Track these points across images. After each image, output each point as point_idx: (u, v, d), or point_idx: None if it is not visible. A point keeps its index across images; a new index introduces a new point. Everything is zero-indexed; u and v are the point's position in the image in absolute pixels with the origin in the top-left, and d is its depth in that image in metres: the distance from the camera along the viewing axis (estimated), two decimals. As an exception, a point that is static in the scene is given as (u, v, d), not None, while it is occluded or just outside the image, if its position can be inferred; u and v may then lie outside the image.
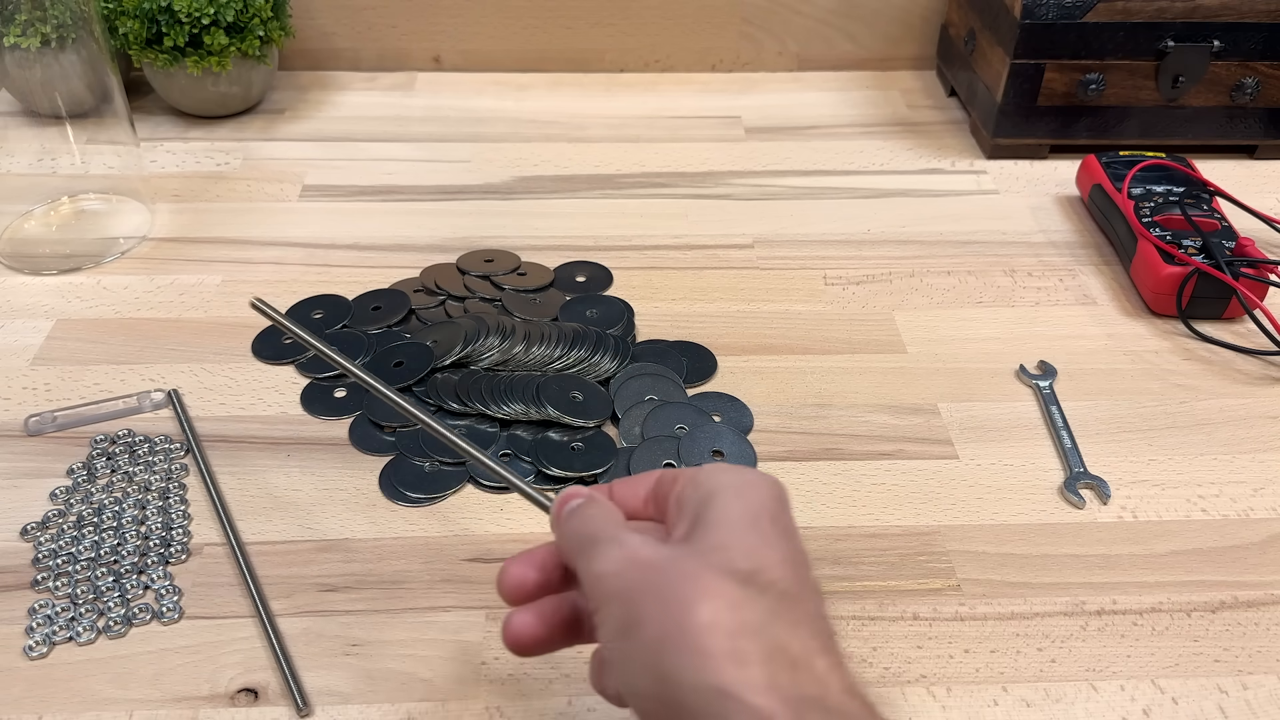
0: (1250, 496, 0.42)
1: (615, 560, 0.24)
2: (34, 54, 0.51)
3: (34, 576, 0.38)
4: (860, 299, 0.53)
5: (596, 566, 0.24)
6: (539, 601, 0.27)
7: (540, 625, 0.27)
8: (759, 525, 0.24)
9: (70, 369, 0.47)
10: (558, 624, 0.27)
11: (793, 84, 0.74)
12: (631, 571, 0.24)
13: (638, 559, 0.24)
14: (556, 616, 0.27)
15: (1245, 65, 0.61)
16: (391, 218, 0.59)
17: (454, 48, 0.73)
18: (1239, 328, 0.51)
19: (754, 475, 0.26)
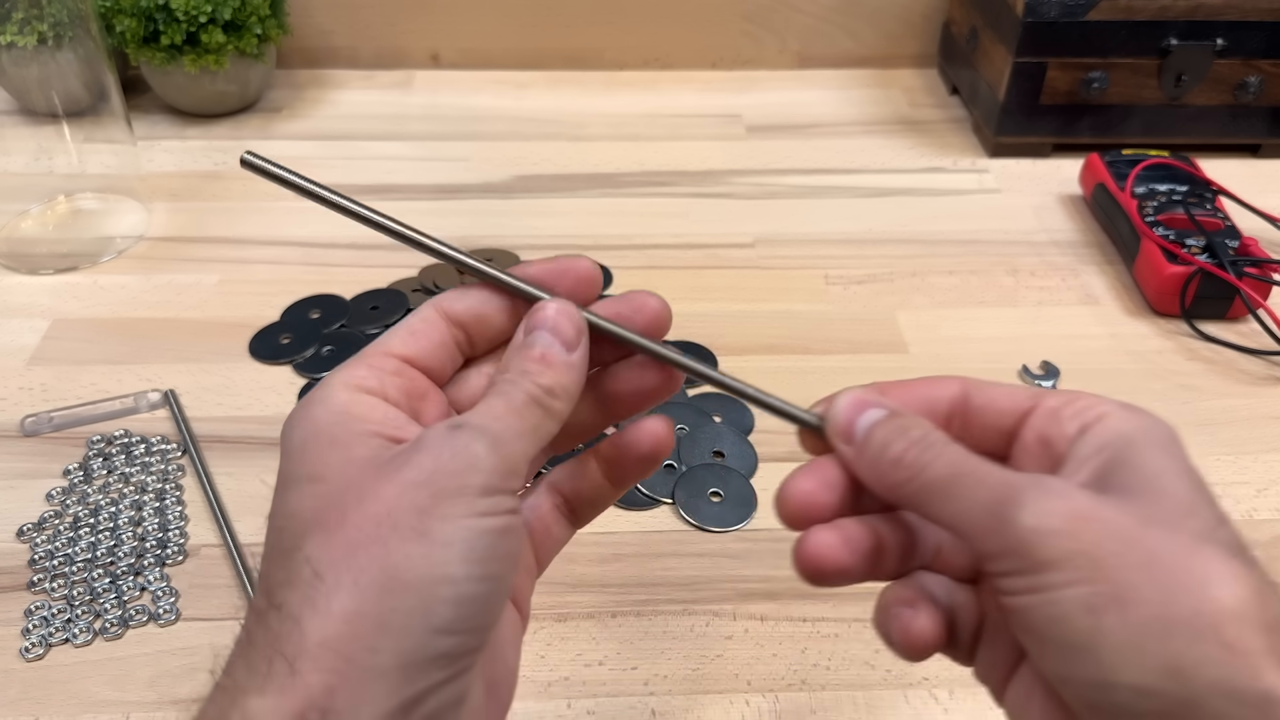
0: (1254, 497, 0.42)
1: (1059, 515, 0.19)
2: (30, 52, 0.51)
3: (30, 578, 0.37)
4: (862, 299, 0.53)
5: (1028, 519, 0.19)
6: (837, 522, 0.22)
7: (846, 550, 0.22)
8: (1202, 485, 0.20)
9: (67, 369, 0.47)
10: (863, 553, 0.22)
11: (794, 82, 0.73)
12: (1091, 532, 0.19)
13: (1095, 517, 0.19)
14: (862, 543, 0.22)
15: (1248, 64, 0.61)
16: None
17: (452, 45, 0.73)
18: (1242, 327, 0.51)
19: (1149, 414, 0.21)
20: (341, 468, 0.20)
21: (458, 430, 0.20)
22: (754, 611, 0.37)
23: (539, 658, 0.35)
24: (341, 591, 0.19)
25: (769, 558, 0.39)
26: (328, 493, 0.20)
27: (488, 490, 0.20)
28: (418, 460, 0.20)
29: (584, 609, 0.37)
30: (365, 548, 0.19)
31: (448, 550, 0.19)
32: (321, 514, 0.20)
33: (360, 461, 0.20)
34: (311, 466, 0.21)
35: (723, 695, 0.34)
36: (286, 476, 0.21)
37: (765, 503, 0.41)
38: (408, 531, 0.19)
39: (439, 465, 0.20)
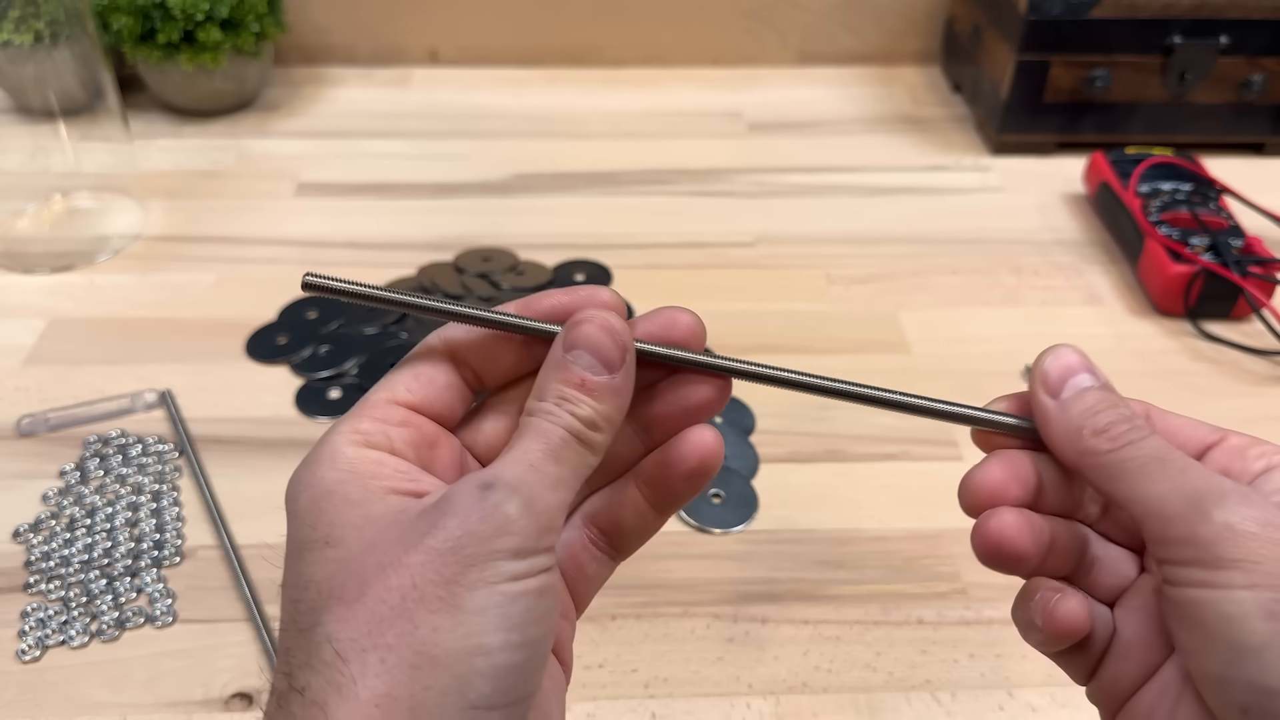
0: (1259, 498, 0.42)
1: (1257, 521, 0.19)
2: (27, 50, 0.51)
3: (26, 579, 0.37)
4: (864, 298, 0.52)
5: (1228, 515, 0.19)
6: (1021, 510, 0.22)
7: (1030, 536, 0.21)
8: None
9: (63, 369, 0.46)
10: (1043, 544, 0.22)
11: (795, 79, 0.73)
12: None
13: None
14: (1044, 535, 0.22)
15: (1253, 61, 0.60)
16: (387, 215, 0.58)
17: (451, 42, 0.73)
18: (1247, 327, 0.51)
19: None
20: (359, 530, 0.19)
21: (489, 490, 0.19)
22: (755, 614, 0.37)
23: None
24: (369, 674, 0.17)
25: (770, 559, 0.39)
26: (345, 559, 0.19)
27: (521, 553, 0.18)
28: (444, 524, 0.18)
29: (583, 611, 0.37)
30: (390, 623, 0.18)
31: (480, 619, 0.18)
32: (340, 585, 0.19)
33: (379, 523, 0.19)
34: (325, 529, 0.19)
35: (723, 698, 0.34)
36: (298, 542, 0.20)
37: (766, 504, 0.41)
38: (435, 602, 0.18)
39: (468, 530, 0.18)
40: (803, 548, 0.39)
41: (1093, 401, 0.22)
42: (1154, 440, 0.21)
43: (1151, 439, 0.21)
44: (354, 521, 0.19)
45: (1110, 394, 0.22)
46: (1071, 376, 0.22)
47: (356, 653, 0.18)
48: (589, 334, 0.21)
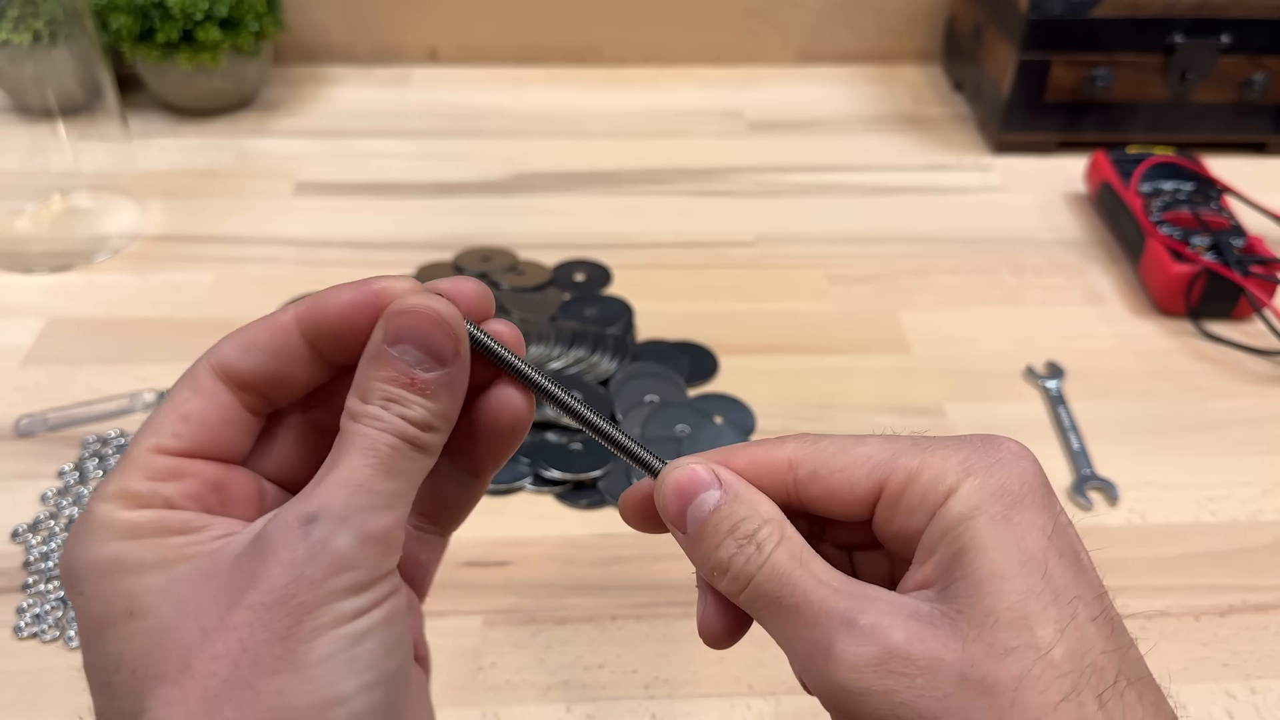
0: (1260, 498, 0.42)
1: (871, 664, 0.17)
2: (25, 50, 0.51)
3: (25, 580, 0.37)
4: (865, 298, 0.52)
5: (842, 672, 0.17)
6: None
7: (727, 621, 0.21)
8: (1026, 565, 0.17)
9: (61, 369, 0.46)
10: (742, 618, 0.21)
11: (796, 78, 0.73)
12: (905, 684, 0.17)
13: (910, 663, 0.17)
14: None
15: (1254, 61, 0.60)
16: (386, 215, 0.58)
17: (450, 41, 0.73)
18: (1248, 327, 0.50)
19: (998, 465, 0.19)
20: (165, 593, 0.17)
21: (312, 524, 0.17)
22: (755, 615, 0.37)
23: (538, 661, 0.35)
24: None
25: (770, 560, 0.38)
26: (157, 629, 0.16)
27: (360, 587, 0.17)
28: (265, 574, 0.16)
29: (583, 612, 0.37)
30: (228, 696, 0.16)
31: (327, 669, 0.16)
32: (158, 660, 0.16)
33: (187, 580, 0.17)
34: (124, 601, 0.17)
35: (724, 699, 0.34)
36: (94, 619, 0.17)
37: (767, 504, 0.41)
38: (273, 663, 0.16)
39: (295, 575, 0.16)
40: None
41: (712, 532, 0.19)
42: (774, 562, 0.19)
43: (771, 562, 0.19)
44: (157, 584, 0.17)
45: (732, 506, 0.19)
46: (690, 503, 0.20)
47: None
48: (413, 325, 0.18)
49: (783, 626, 0.19)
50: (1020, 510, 0.18)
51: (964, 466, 0.19)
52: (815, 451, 0.20)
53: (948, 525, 0.18)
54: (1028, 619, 0.17)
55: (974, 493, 0.18)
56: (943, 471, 0.19)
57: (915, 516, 0.19)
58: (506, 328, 0.21)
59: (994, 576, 0.17)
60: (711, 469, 0.20)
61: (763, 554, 0.19)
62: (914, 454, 0.19)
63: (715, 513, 0.19)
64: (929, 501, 0.19)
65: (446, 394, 0.18)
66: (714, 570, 0.19)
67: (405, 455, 0.18)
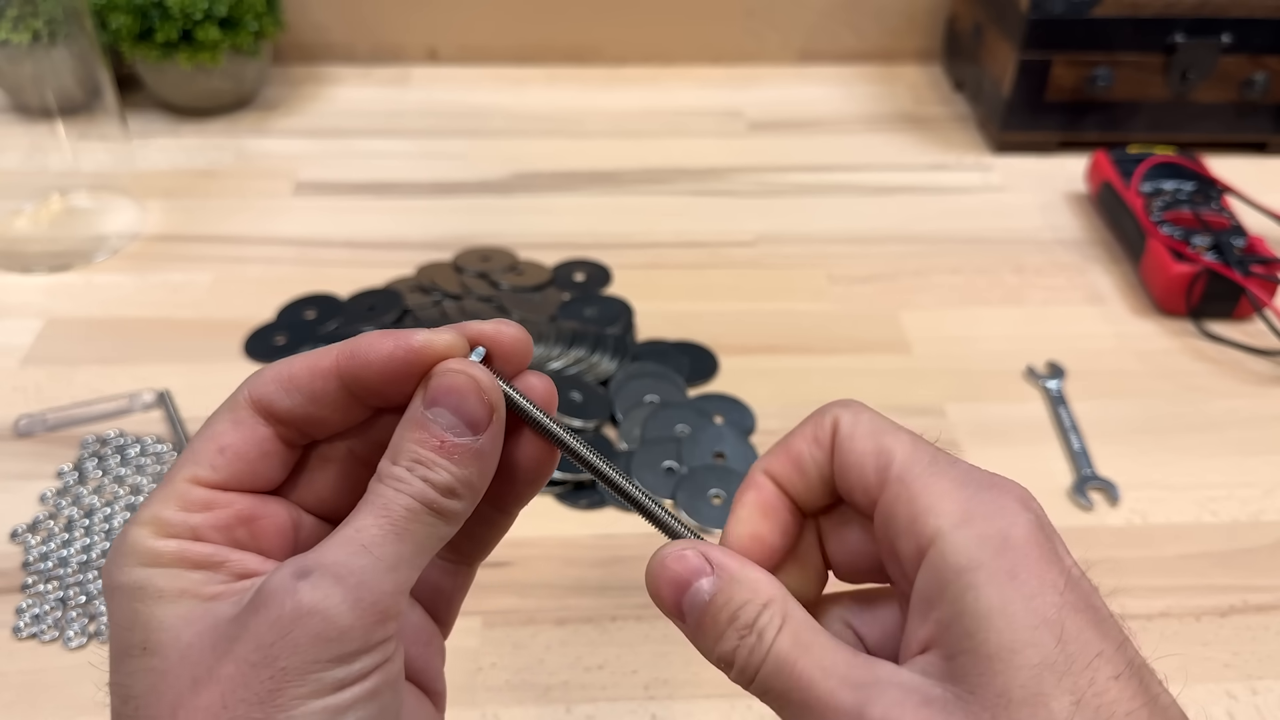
0: (1261, 499, 0.42)
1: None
2: (24, 49, 0.51)
3: (24, 580, 0.37)
4: (865, 298, 0.52)
5: None
6: None
7: None
8: (1039, 629, 0.17)
9: (60, 369, 0.46)
10: None
11: (796, 78, 0.73)
12: None
13: None
14: None
15: (1255, 60, 0.60)
16: (386, 214, 0.58)
17: (450, 41, 0.72)
18: (1249, 327, 0.50)
19: (992, 513, 0.18)
20: (175, 634, 0.17)
21: (304, 580, 0.16)
22: (756, 615, 0.36)
23: (538, 662, 0.35)
24: None
25: (771, 561, 0.38)
26: (162, 671, 0.17)
27: (347, 657, 0.16)
28: (254, 628, 0.16)
29: (584, 613, 0.37)
30: None
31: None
32: (152, 703, 0.16)
33: (197, 624, 0.17)
34: (142, 633, 0.17)
35: (724, 699, 0.34)
36: (119, 643, 0.17)
37: (767, 505, 0.41)
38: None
39: (280, 635, 0.16)
40: (803, 549, 0.39)
41: (711, 626, 0.19)
42: (776, 652, 0.18)
43: (774, 653, 0.18)
44: (170, 623, 0.17)
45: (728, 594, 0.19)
46: (684, 595, 0.19)
47: None
48: (453, 386, 0.18)
49: (795, 714, 0.18)
50: (1026, 566, 0.17)
51: (961, 509, 0.18)
52: (855, 418, 0.20)
53: (945, 578, 0.17)
54: (1043, 695, 0.16)
55: (970, 545, 0.17)
56: (933, 509, 0.18)
57: (904, 541, 0.18)
58: (541, 381, 0.20)
59: (1004, 651, 0.17)
60: (700, 553, 0.19)
61: (765, 643, 0.18)
62: (920, 470, 0.19)
63: (712, 602, 0.19)
64: (916, 532, 0.18)
65: (475, 463, 0.18)
66: (720, 662, 0.19)
67: (421, 520, 0.18)
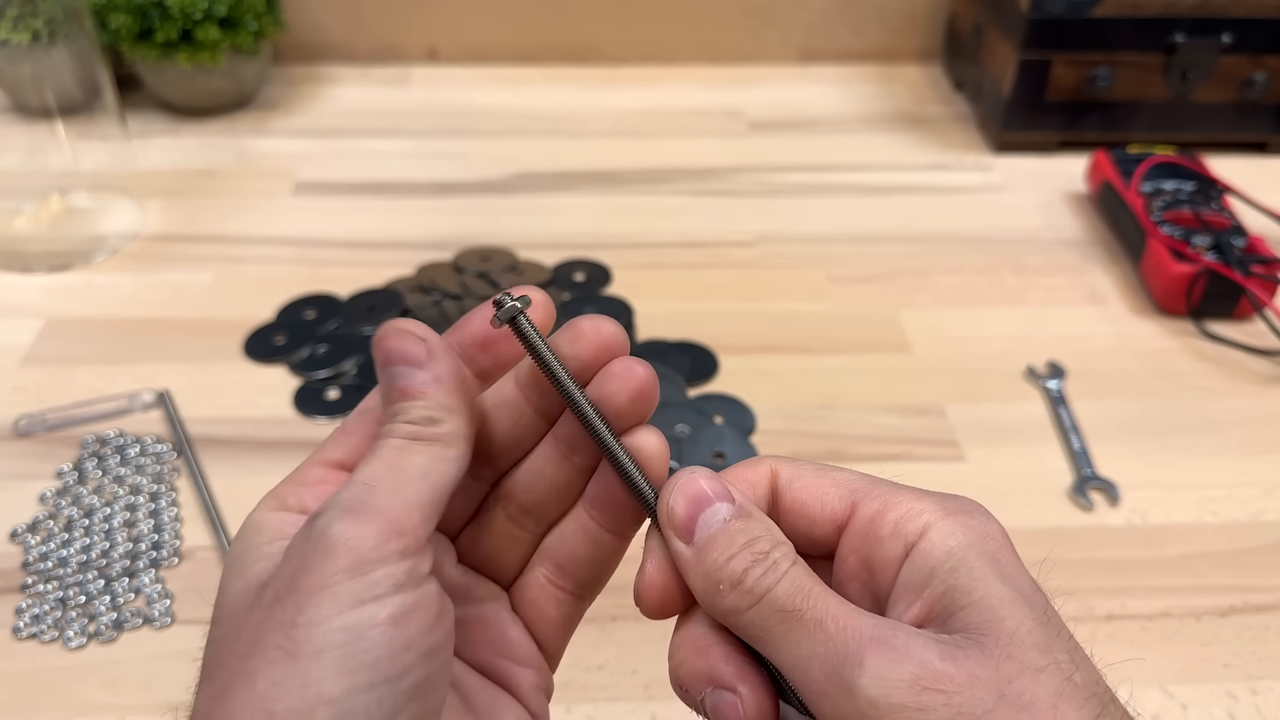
0: (1261, 499, 0.42)
1: (904, 684, 0.16)
2: (24, 49, 0.51)
3: (23, 580, 0.37)
4: (865, 298, 0.52)
5: (871, 688, 0.16)
6: None
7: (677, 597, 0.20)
8: (1045, 605, 0.18)
9: (60, 369, 0.46)
10: None
11: (796, 78, 0.73)
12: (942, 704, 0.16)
13: (946, 681, 0.16)
14: None
15: (1255, 60, 0.60)
16: (386, 214, 0.58)
17: (450, 40, 0.72)
18: (1249, 327, 0.50)
19: (973, 512, 0.19)
20: (232, 601, 0.18)
21: (315, 518, 0.17)
22: (756, 615, 0.36)
23: None
24: None
25: (771, 561, 0.38)
26: (216, 638, 0.18)
27: (360, 567, 0.16)
28: (281, 570, 0.17)
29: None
30: (234, 690, 0.16)
31: (318, 663, 0.16)
32: (213, 668, 0.17)
33: (248, 589, 0.18)
34: (217, 608, 0.18)
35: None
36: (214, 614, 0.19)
37: (767, 505, 0.41)
38: (274, 652, 0.16)
39: (299, 565, 0.17)
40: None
41: (725, 543, 0.19)
42: (792, 578, 0.18)
43: (789, 578, 0.18)
44: (232, 593, 0.18)
45: (746, 522, 0.19)
46: (702, 511, 0.19)
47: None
48: (384, 347, 0.19)
49: (798, 644, 0.18)
50: (1005, 555, 0.19)
51: (940, 508, 0.19)
52: (795, 465, 0.20)
53: (934, 561, 0.18)
54: (1048, 643, 0.17)
55: (957, 531, 0.18)
56: (917, 508, 0.19)
57: (887, 545, 0.19)
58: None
59: (1005, 602, 0.17)
60: (727, 484, 0.20)
61: (780, 569, 0.18)
62: (888, 488, 0.20)
63: (729, 524, 0.19)
64: (903, 532, 0.19)
65: (436, 387, 0.19)
66: (722, 583, 0.19)
67: (416, 449, 0.19)
